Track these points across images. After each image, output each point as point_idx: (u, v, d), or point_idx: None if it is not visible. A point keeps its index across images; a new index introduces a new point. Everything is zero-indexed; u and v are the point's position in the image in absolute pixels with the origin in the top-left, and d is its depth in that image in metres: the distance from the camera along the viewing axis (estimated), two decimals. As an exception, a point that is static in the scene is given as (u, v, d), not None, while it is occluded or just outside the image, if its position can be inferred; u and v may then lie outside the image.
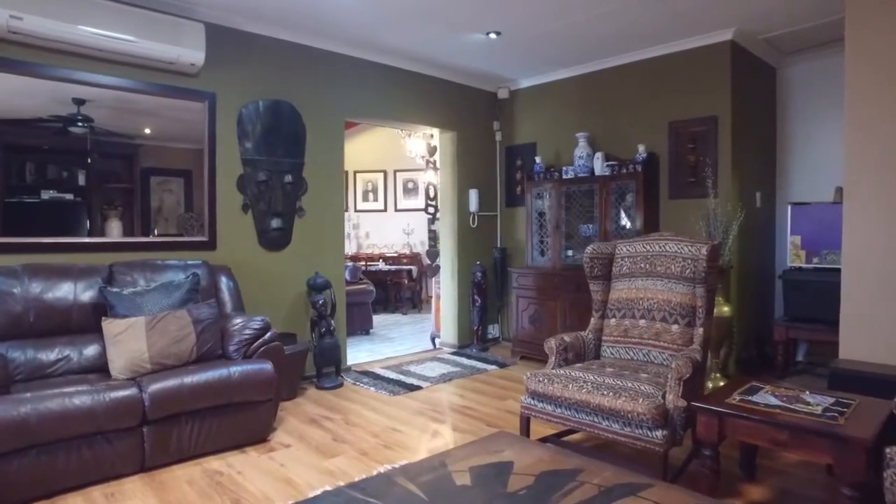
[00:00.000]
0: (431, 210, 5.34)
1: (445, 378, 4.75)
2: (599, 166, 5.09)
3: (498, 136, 6.21)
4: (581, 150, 5.18)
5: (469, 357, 5.52)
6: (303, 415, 3.83)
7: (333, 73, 4.76)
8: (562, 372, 2.90)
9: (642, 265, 3.25)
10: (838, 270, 3.31)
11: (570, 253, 5.32)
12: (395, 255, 10.41)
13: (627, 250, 3.37)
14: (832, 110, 4.65)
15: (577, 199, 5.26)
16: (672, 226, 4.83)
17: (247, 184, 4.23)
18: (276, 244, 4.41)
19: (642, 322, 3.15)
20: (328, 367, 4.55)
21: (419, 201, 10.72)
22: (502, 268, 6.08)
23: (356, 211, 10.73)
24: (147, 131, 3.94)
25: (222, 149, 4.11)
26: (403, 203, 10.75)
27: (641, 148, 4.84)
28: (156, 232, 3.96)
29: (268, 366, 3.23)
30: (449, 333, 6.00)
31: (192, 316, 3.20)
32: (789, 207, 4.64)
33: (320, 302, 4.41)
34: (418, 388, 4.48)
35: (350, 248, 10.52)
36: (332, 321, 4.51)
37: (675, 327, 3.02)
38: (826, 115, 4.87)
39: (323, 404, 4.07)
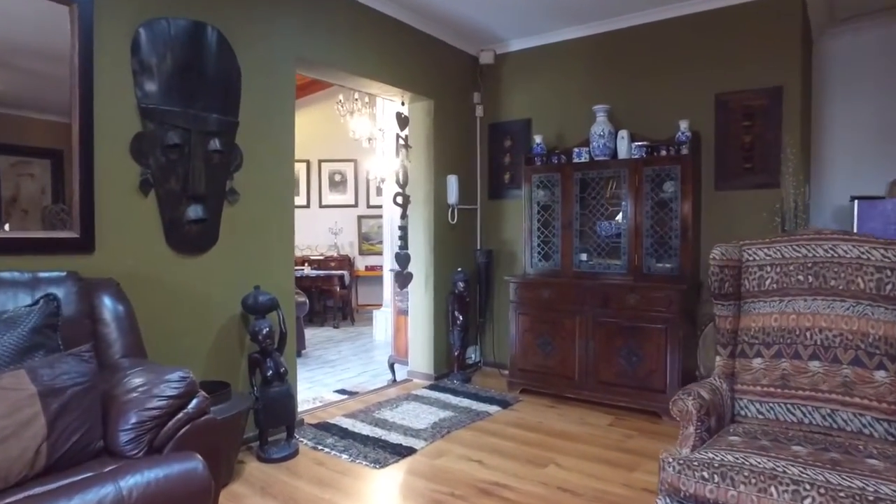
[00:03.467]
0: (401, 200, 3.95)
1: (440, 429, 3.43)
2: (625, 148, 4.00)
3: (479, 111, 4.96)
4: (600, 127, 4.06)
5: (455, 393, 4.22)
6: (248, 521, 2.37)
7: (280, -3, 3.29)
8: (735, 459, 1.70)
9: (802, 277, 2.14)
10: None
11: (583, 257, 4.18)
12: (322, 257, 8.88)
13: (767, 255, 2.25)
14: (880, 91, 3.90)
15: (594, 188, 4.13)
16: (722, 223, 3.83)
17: (147, 149, 2.66)
18: (194, 244, 2.87)
19: (814, 365, 2.03)
20: (277, 429, 3.07)
21: (348, 196, 9.28)
22: (487, 275, 4.84)
23: (274, 206, 9.05)
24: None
25: (106, 90, 2.52)
26: (330, 198, 9.28)
27: (684, 125, 3.79)
28: (6, 228, 2.33)
29: (196, 464, 1.76)
30: (421, 360, 4.66)
31: (37, 382, 1.65)
32: (856, 203, 3.79)
33: (264, 331, 2.93)
34: (410, 450, 3.12)
35: (268, 250, 8.82)
36: (282, 359, 3.04)
37: (880, 374, 1.93)
38: (872, 97, 4.09)
39: (275, 493, 2.61)
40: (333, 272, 8.29)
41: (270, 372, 2.94)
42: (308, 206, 9.30)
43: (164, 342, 2.62)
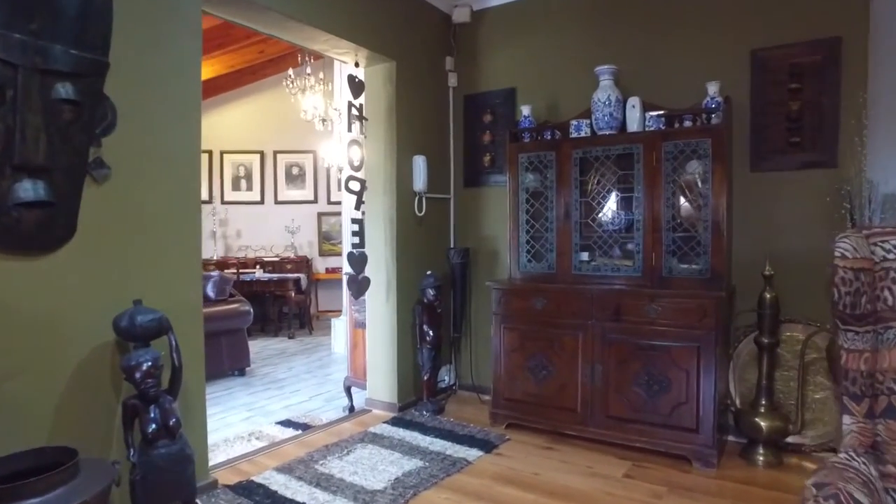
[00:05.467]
0: (356, 187, 3.02)
1: (404, 490, 2.53)
2: (637, 118, 3.17)
3: (452, 80, 4.09)
4: (604, 93, 3.23)
5: (424, 429, 3.33)
6: None
7: None
8: None
9: None
10: None
11: (585, 257, 3.34)
12: (277, 259, 7.92)
13: (914, 251, 1.42)
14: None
15: (598, 170, 3.29)
16: (760, 213, 3.05)
17: (-55, 92, 1.70)
18: (29, 240, 1.91)
19: None
20: (165, 509, 2.13)
21: (307, 191, 8.33)
22: (463, 280, 3.96)
23: (224, 203, 8.14)
24: None
25: None
26: (286, 193, 8.35)
27: (713, 89, 2.99)
28: None
29: None
30: (382, 386, 3.75)
31: None
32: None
33: (145, 366, 1.98)
34: (362, 529, 2.22)
35: (215, 252, 7.87)
36: (173, 405, 2.10)
37: None
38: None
39: None
40: (288, 275, 7.33)
41: (153, 427, 2.00)
42: (262, 201, 8.35)
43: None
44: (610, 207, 3.28)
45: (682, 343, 2.80)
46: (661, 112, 3.11)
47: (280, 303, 7.32)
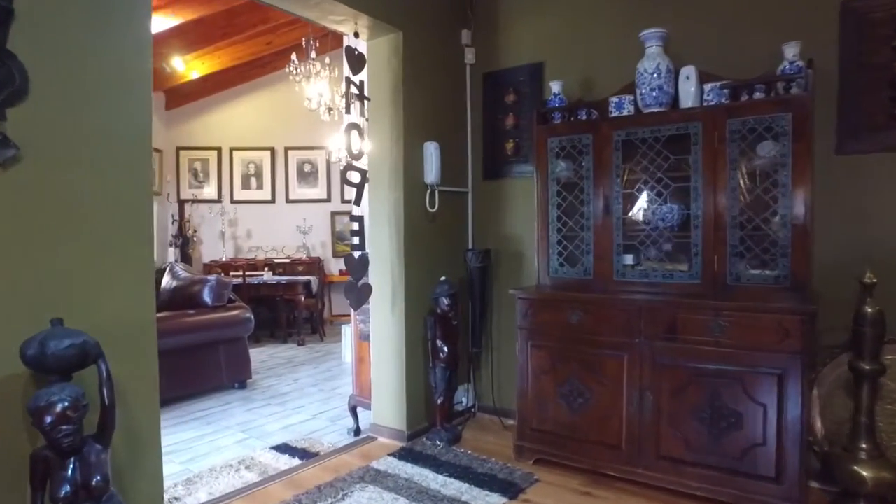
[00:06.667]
0: (355, 178, 2.48)
1: (406, 556, 2.02)
2: (692, 92, 2.60)
3: (469, 56, 3.55)
4: (652, 62, 2.66)
5: (437, 465, 2.80)
6: None
7: None
8: None
9: None
10: None
11: (628, 260, 2.78)
12: (287, 260, 7.49)
13: None
14: None
15: (645, 154, 2.72)
16: (850, 207, 2.45)
17: None
18: None
19: None
20: None
21: (319, 189, 7.88)
22: (483, 287, 3.42)
23: (233, 202, 7.76)
24: None
25: None
26: (298, 192, 7.95)
27: (791, 51, 2.40)
28: None
29: None
30: (389, 410, 3.23)
31: None
32: None
33: (59, 407, 1.49)
34: None
35: (224, 253, 7.48)
36: (103, 455, 1.61)
37: None
38: None
39: None
40: (298, 278, 6.87)
41: (66, 489, 1.51)
42: (273, 200, 7.94)
43: None
44: (659, 200, 2.70)
45: (757, 369, 2.22)
46: (724, 82, 2.53)
47: (290, 307, 6.87)
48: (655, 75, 2.66)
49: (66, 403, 1.52)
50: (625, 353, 2.54)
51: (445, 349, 3.11)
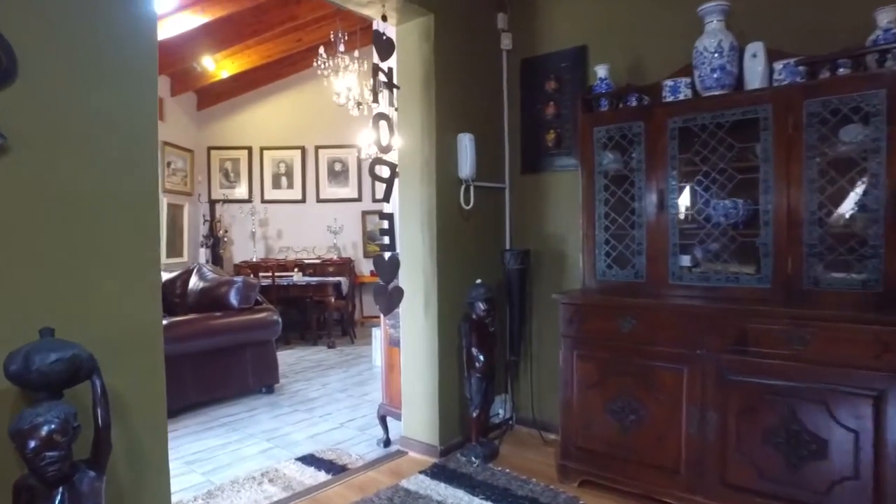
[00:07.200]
0: (384, 173, 2.25)
1: None
2: (760, 71, 2.30)
3: (505, 42, 3.30)
4: (713, 39, 2.37)
5: (471, 486, 2.56)
6: None
7: None
8: None
9: None
10: None
11: (685, 261, 2.48)
12: (318, 261, 7.36)
13: None
14: None
15: (705, 143, 2.42)
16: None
17: None
18: None
19: None
20: None
21: (350, 189, 7.74)
22: (522, 291, 3.16)
23: (264, 202, 7.68)
24: None
25: None
26: (329, 191, 7.81)
27: (885, 17, 2.07)
28: None
29: None
30: (421, 422, 3.01)
31: None
32: None
33: (45, 430, 1.31)
34: None
35: (255, 253, 7.41)
36: (97, 483, 1.42)
37: None
38: None
39: None
40: (327, 279, 6.72)
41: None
42: (303, 200, 7.83)
43: None
44: (722, 194, 2.40)
45: (846, 388, 1.91)
46: (800, 58, 2.22)
47: (320, 309, 6.73)
48: (717, 54, 2.36)
49: (53, 426, 1.33)
50: (684, 366, 2.25)
51: (481, 358, 2.86)
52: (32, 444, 1.31)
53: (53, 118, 1.53)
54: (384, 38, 2.68)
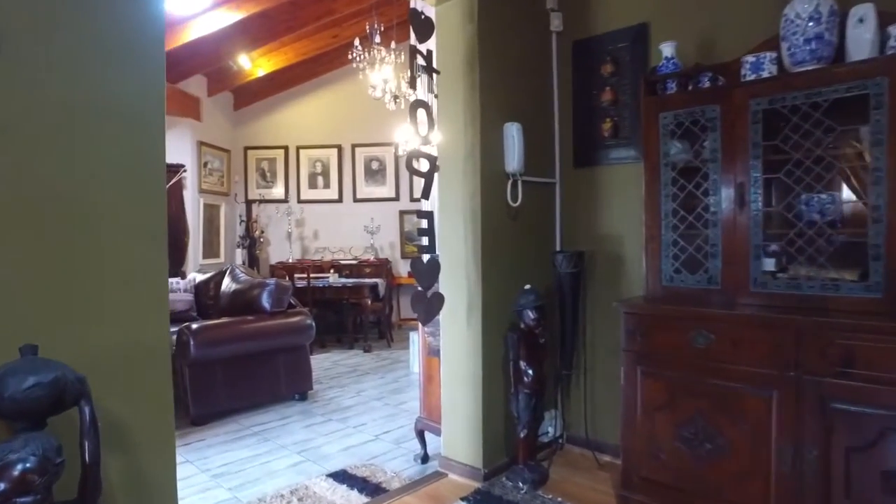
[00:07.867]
0: (423, 166, 1.97)
1: None
2: (869, 38, 1.94)
3: (555, 23, 3.00)
4: (807, 4, 2.01)
5: (520, 519, 2.28)
6: None
7: None
8: None
9: None
10: None
11: (770, 266, 2.14)
12: (355, 261, 7.18)
13: None
14: None
15: (796, 128, 2.06)
16: None
17: None
18: None
19: None
20: None
21: (387, 188, 7.54)
22: (575, 297, 2.85)
23: (300, 202, 7.55)
24: None
25: None
26: (366, 190, 7.64)
27: None
28: None
29: None
30: (462, 442, 2.73)
31: None
32: None
33: (20, 468, 1.09)
34: None
35: (291, 254, 7.29)
36: (86, 530, 1.21)
37: None
38: None
39: None
40: (364, 281, 6.52)
41: (26, 584, 1.11)
42: (340, 199, 7.68)
43: None
44: (817, 187, 2.04)
45: None
46: (916, 24, 1.86)
47: (356, 311, 6.54)
48: (812, 22, 2.01)
49: (28, 465, 1.11)
50: (773, 391, 1.91)
51: (530, 372, 2.57)
52: (1, 486, 1.09)
53: (38, 103, 1.32)
54: (422, 17, 2.42)
